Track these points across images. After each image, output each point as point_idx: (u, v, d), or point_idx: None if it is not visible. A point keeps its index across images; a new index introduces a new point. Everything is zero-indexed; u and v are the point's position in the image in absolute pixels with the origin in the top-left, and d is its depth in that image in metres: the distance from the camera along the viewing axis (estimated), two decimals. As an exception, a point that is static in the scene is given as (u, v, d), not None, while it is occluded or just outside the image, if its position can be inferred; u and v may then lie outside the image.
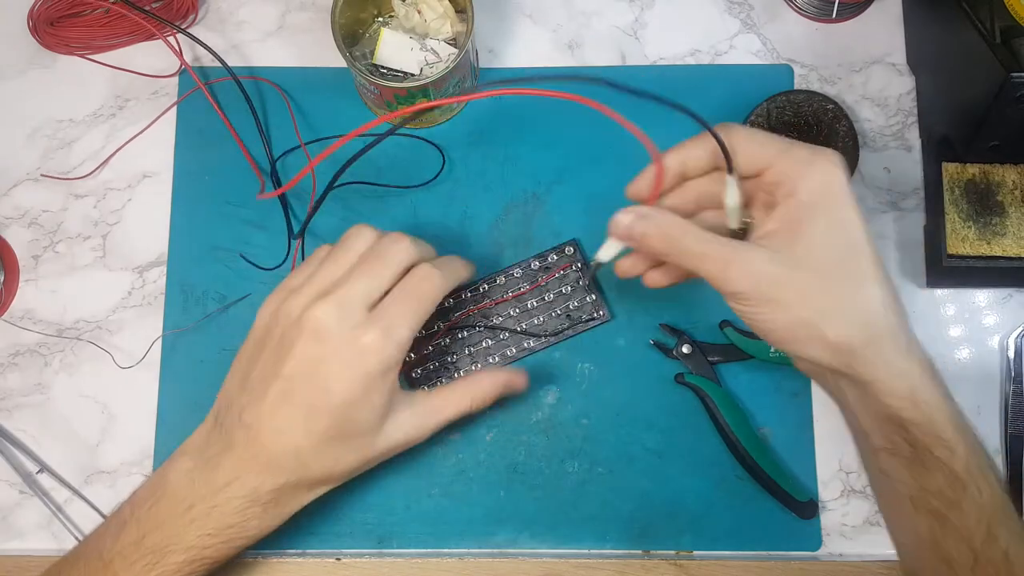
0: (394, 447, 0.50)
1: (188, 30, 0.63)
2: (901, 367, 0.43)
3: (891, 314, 0.44)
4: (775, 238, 0.45)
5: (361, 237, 0.50)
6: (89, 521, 0.58)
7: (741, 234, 0.48)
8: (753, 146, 0.46)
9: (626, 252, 0.50)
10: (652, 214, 0.47)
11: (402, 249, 0.50)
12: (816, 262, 0.44)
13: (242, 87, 0.61)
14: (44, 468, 0.59)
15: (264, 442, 0.47)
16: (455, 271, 0.53)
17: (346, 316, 0.47)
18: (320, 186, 0.61)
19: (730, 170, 0.46)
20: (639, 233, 0.47)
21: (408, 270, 0.50)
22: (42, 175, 0.62)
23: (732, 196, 0.47)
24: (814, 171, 0.44)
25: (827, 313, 0.43)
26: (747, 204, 0.48)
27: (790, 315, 0.44)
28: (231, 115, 0.62)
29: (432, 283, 0.50)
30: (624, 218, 0.47)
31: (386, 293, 0.49)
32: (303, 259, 0.60)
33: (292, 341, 0.47)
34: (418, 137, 0.62)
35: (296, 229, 0.60)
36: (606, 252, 0.50)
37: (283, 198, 0.60)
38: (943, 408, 0.43)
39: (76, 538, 0.58)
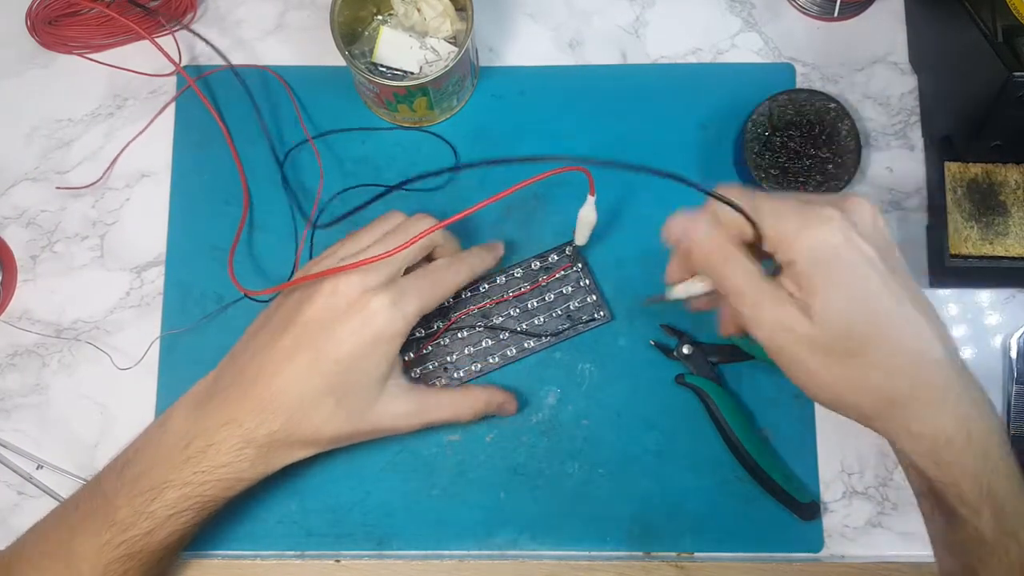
0: (382, 427, 0.52)
1: (187, 28, 0.63)
2: (925, 431, 0.42)
3: (923, 372, 0.42)
4: (793, 295, 0.43)
5: (388, 219, 0.54)
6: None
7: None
8: (751, 213, 0.44)
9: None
10: (705, 233, 0.46)
11: (424, 223, 0.52)
12: (830, 331, 0.42)
13: (244, 82, 0.61)
14: (43, 464, 0.59)
15: (268, 381, 0.49)
16: (477, 262, 0.56)
17: (363, 280, 0.49)
18: (328, 187, 0.61)
19: (757, 239, 0.44)
20: (685, 246, 0.47)
21: (431, 251, 0.54)
22: (57, 188, 0.62)
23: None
24: (805, 241, 0.42)
25: (839, 385, 0.43)
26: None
27: (815, 381, 0.44)
28: (231, 113, 0.62)
29: (454, 270, 0.53)
30: (675, 230, 0.47)
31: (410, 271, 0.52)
32: (310, 255, 0.60)
33: (311, 295, 0.50)
34: (432, 133, 0.62)
35: (301, 225, 0.60)
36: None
37: (291, 193, 0.61)
38: (968, 469, 0.42)
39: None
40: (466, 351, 0.59)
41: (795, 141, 0.59)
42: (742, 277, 0.44)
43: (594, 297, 0.60)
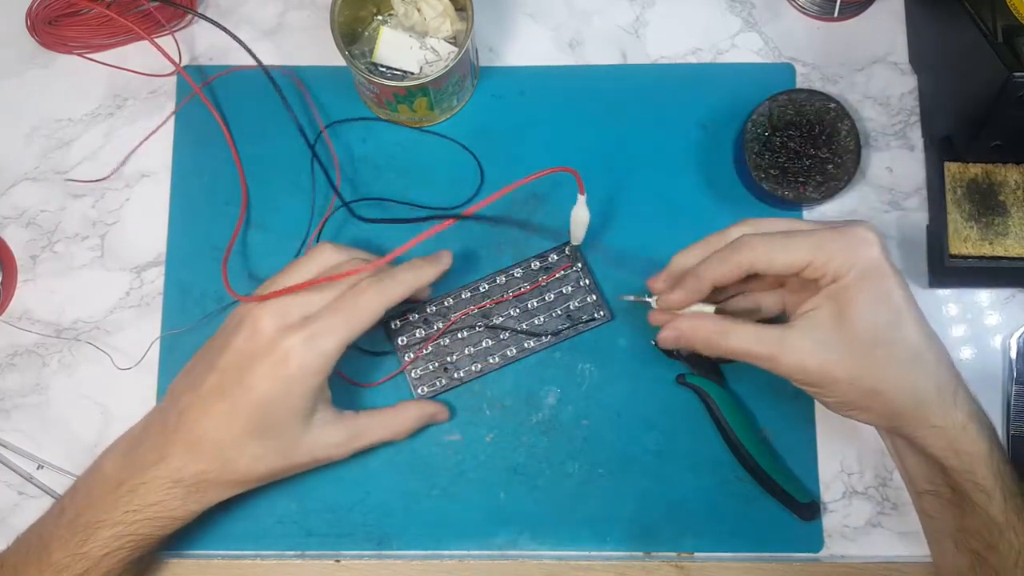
0: (316, 457, 0.53)
1: (187, 28, 0.63)
2: (945, 423, 0.47)
3: (939, 372, 0.47)
4: (819, 319, 0.48)
5: (321, 258, 0.53)
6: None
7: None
8: (787, 253, 0.48)
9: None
10: (693, 325, 0.50)
11: (320, 253, 0.52)
12: (862, 341, 0.47)
13: (269, 75, 0.61)
14: (43, 464, 0.59)
15: (191, 427, 0.50)
16: (410, 278, 0.53)
17: (280, 319, 0.49)
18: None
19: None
20: (685, 341, 0.51)
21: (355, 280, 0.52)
22: (67, 179, 0.62)
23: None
24: (854, 257, 0.47)
25: (875, 391, 0.47)
26: (779, 285, 0.54)
27: (839, 395, 0.48)
28: (233, 111, 0.62)
29: (367, 296, 0.50)
30: (669, 335, 0.51)
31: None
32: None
33: (232, 337, 0.50)
34: (450, 138, 0.62)
35: (303, 224, 0.60)
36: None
37: (321, 164, 0.62)
38: (984, 456, 0.47)
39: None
40: (466, 351, 0.59)
41: (795, 141, 0.59)
42: (748, 342, 0.48)
43: (594, 297, 0.60)
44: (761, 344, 0.48)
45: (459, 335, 0.59)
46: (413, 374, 0.59)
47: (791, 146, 0.59)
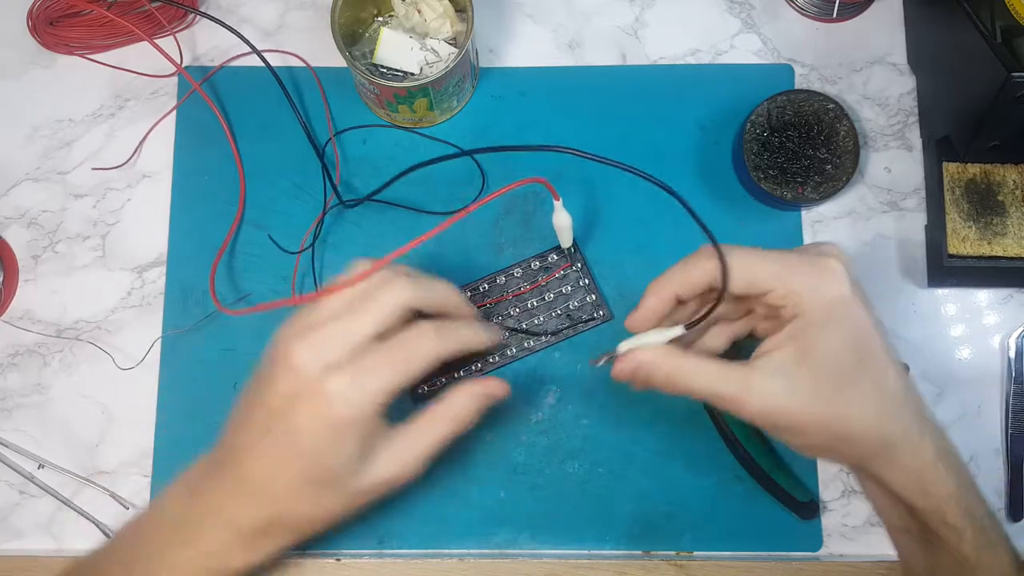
0: (381, 489, 0.47)
1: (188, 29, 0.63)
2: (912, 464, 0.45)
3: (907, 412, 0.45)
4: (783, 361, 0.45)
5: (354, 271, 0.47)
6: (89, 520, 0.58)
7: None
8: (751, 270, 0.45)
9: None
10: (653, 360, 0.46)
11: (394, 291, 0.46)
12: (826, 385, 0.44)
13: (274, 73, 0.61)
14: (44, 464, 0.59)
15: (244, 475, 0.46)
16: (468, 335, 0.49)
17: (321, 356, 0.44)
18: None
19: (722, 294, 0.46)
20: (643, 378, 0.47)
21: (410, 314, 0.47)
22: (93, 168, 0.62)
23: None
24: (818, 293, 0.44)
25: (841, 436, 0.45)
26: (748, 313, 0.50)
27: (804, 440, 0.46)
28: (235, 111, 0.63)
29: (425, 343, 0.46)
30: (626, 367, 0.47)
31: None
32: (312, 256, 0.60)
33: (274, 376, 0.45)
34: (450, 144, 0.62)
35: (304, 223, 0.60)
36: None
37: (324, 166, 0.61)
38: (953, 495, 0.45)
39: (78, 536, 0.58)
40: (466, 351, 0.59)
41: (793, 142, 0.59)
42: (712, 383, 0.45)
43: (593, 296, 0.60)
44: (726, 385, 0.45)
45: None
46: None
47: (790, 146, 0.59)
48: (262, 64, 0.63)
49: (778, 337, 0.45)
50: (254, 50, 0.61)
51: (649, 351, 0.47)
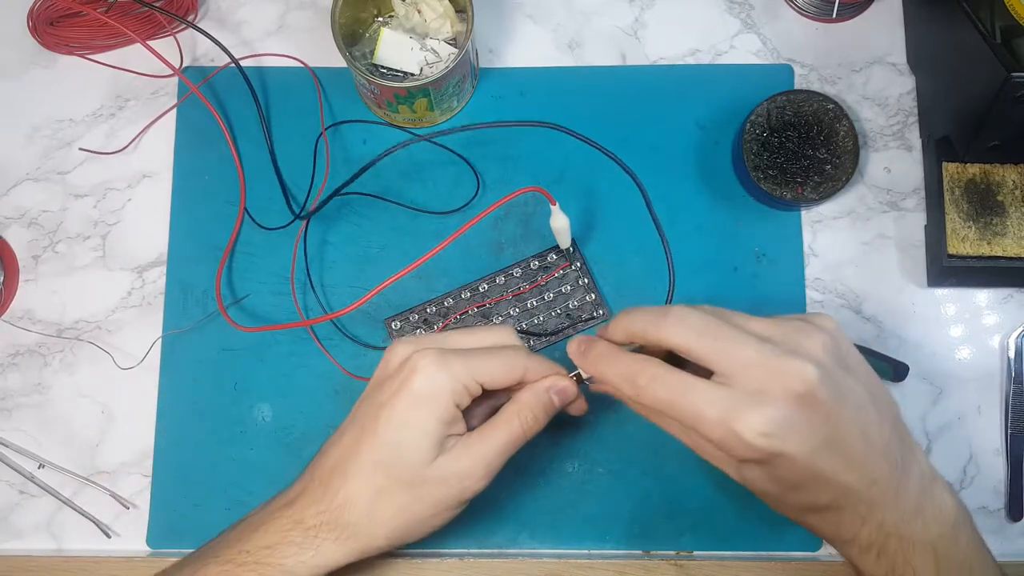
0: (453, 483, 0.46)
1: (188, 29, 0.63)
2: (847, 551, 0.44)
3: (854, 516, 0.43)
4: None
5: (501, 336, 0.49)
6: (90, 520, 0.58)
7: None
8: (712, 346, 0.43)
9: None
10: (654, 373, 0.44)
11: (500, 332, 0.49)
12: (755, 488, 0.44)
13: (248, 82, 0.61)
14: (45, 463, 0.59)
15: (321, 461, 0.47)
16: (551, 367, 0.49)
17: (416, 344, 0.47)
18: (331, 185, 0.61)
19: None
20: (633, 393, 0.45)
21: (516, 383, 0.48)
22: (105, 152, 0.62)
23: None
24: (773, 398, 0.41)
25: (800, 514, 0.45)
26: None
27: (772, 504, 0.45)
28: (233, 113, 0.63)
29: (515, 353, 0.48)
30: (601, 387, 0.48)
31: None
32: (305, 246, 0.60)
33: (373, 379, 0.48)
34: (449, 149, 0.62)
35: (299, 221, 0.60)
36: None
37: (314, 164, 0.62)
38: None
39: (78, 536, 0.58)
40: (466, 351, 0.59)
41: (793, 142, 0.59)
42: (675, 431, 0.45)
43: (593, 296, 0.60)
44: (685, 436, 0.45)
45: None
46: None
47: (789, 147, 0.59)
48: (262, 65, 0.63)
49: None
50: (233, 60, 0.61)
51: (646, 364, 0.45)
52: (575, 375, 0.49)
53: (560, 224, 0.56)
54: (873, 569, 0.43)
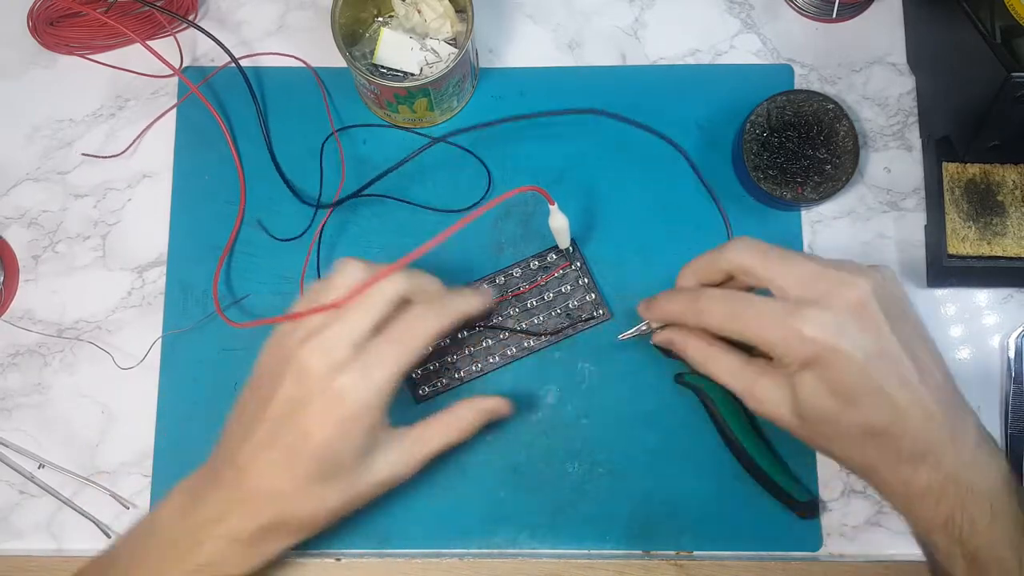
0: (381, 485, 0.50)
1: (189, 29, 0.63)
2: (900, 490, 0.46)
3: (898, 445, 0.45)
4: (781, 380, 0.48)
5: (347, 273, 0.48)
6: (90, 520, 0.58)
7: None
8: (734, 321, 0.48)
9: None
10: (684, 339, 0.52)
11: (389, 285, 0.48)
12: (808, 419, 0.47)
13: (248, 82, 0.61)
14: (45, 463, 0.59)
15: (249, 483, 0.47)
16: (455, 308, 0.51)
17: (328, 356, 0.46)
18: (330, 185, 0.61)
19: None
20: (678, 350, 0.53)
21: (403, 304, 0.49)
22: (83, 154, 0.62)
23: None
24: (790, 349, 0.46)
25: (827, 453, 0.49)
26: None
27: (803, 440, 0.49)
28: (233, 113, 0.63)
29: (422, 323, 0.48)
30: (662, 337, 0.54)
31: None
32: (318, 257, 0.60)
33: (278, 383, 0.47)
34: (458, 146, 0.62)
35: (304, 221, 0.60)
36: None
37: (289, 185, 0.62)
38: (940, 524, 0.45)
39: (78, 536, 0.58)
40: (466, 351, 0.59)
41: (793, 142, 0.59)
42: (725, 375, 0.50)
43: (593, 296, 0.60)
44: (735, 380, 0.50)
45: (459, 335, 0.59)
46: (413, 375, 0.59)
47: (789, 147, 0.59)
48: (262, 65, 0.63)
49: (780, 365, 0.48)
50: (232, 59, 0.61)
51: (682, 333, 0.52)
52: (631, 334, 0.56)
53: (559, 224, 0.56)
54: (932, 516, 0.45)
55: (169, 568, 0.47)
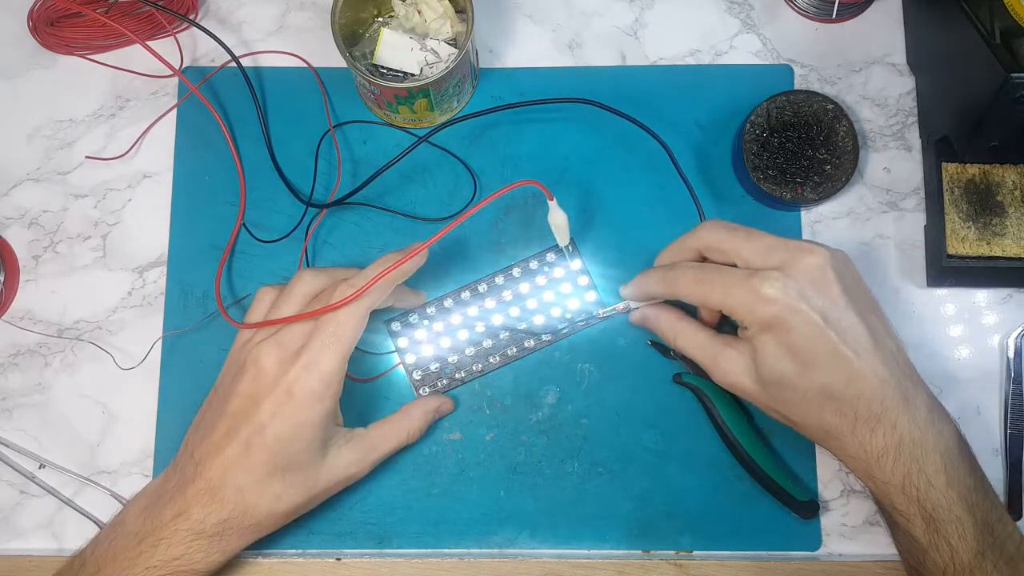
0: (336, 482, 0.53)
1: (188, 30, 0.63)
2: (857, 452, 0.48)
3: (855, 407, 0.48)
4: (743, 348, 0.51)
5: (304, 283, 0.53)
6: (90, 520, 0.58)
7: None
8: (700, 292, 0.51)
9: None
10: (656, 313, 0.56)
11: (300, 281, 0.52)
12: (768, 382, 0.50)
13: (248, 82, 0.61)
14: (45, 463, 0.59)
15: (209, 476, 0.49)
16: (374, 279, 0.50)
17: (281, 353, 0.50)
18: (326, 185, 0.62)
19: None
20: (650, 325, 0.57)
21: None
22: (86, 156, 0.62)
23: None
24: (753, 314, 0.49)
25: (787, 420, 0.51)
26: None
27: (766, 411, 0.52)
28: (233, 113, 0.63)
29: (346, 308, 0.50)
30: (636, 316, 0.58)
31: None
32: (314, 243, 0.60)
33: (237, 381, 0.50)
34: (447, 151, 0.62)
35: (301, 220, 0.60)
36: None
37: (286, 181, 0.62)
38: (898, 485, 0.47)
39: (79, 535, 0.58)
40: (466, 351, 0.59)
41: (793, 142, 0.59)
42: (691, 347, 0.54)
43: (592, 296, 0.60)
44: (702, 352, 0.53)
45: (459, 335, 0.60)
46: (415, 375, 0.59)
47: (789, 147, 0.59)
48: (262, 65, 0.63)
49: (743, 331, 0.51)
50: (233, 57, 0.61)
51: (654, 308, 0.56)
52: (609, 311, 0.59)
53: (558, 220, 0.56)
54: (890, 477, 0.47)
55: (135, 565, 0.49)
